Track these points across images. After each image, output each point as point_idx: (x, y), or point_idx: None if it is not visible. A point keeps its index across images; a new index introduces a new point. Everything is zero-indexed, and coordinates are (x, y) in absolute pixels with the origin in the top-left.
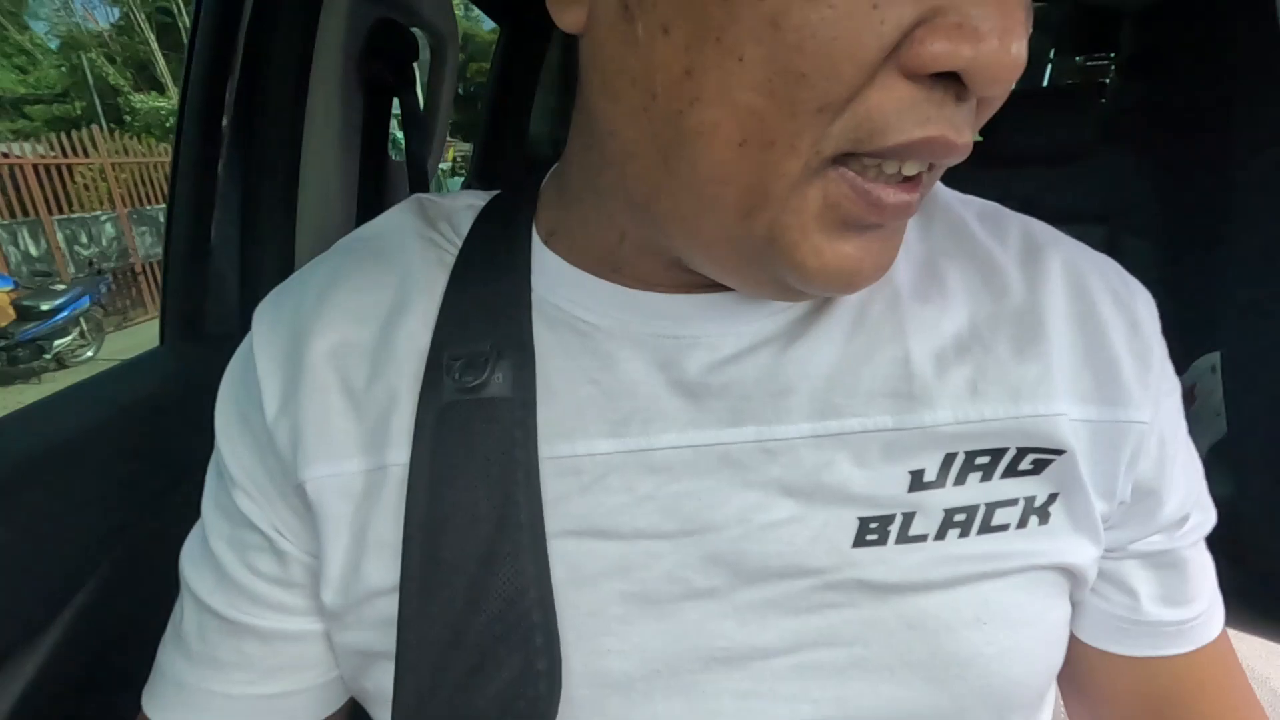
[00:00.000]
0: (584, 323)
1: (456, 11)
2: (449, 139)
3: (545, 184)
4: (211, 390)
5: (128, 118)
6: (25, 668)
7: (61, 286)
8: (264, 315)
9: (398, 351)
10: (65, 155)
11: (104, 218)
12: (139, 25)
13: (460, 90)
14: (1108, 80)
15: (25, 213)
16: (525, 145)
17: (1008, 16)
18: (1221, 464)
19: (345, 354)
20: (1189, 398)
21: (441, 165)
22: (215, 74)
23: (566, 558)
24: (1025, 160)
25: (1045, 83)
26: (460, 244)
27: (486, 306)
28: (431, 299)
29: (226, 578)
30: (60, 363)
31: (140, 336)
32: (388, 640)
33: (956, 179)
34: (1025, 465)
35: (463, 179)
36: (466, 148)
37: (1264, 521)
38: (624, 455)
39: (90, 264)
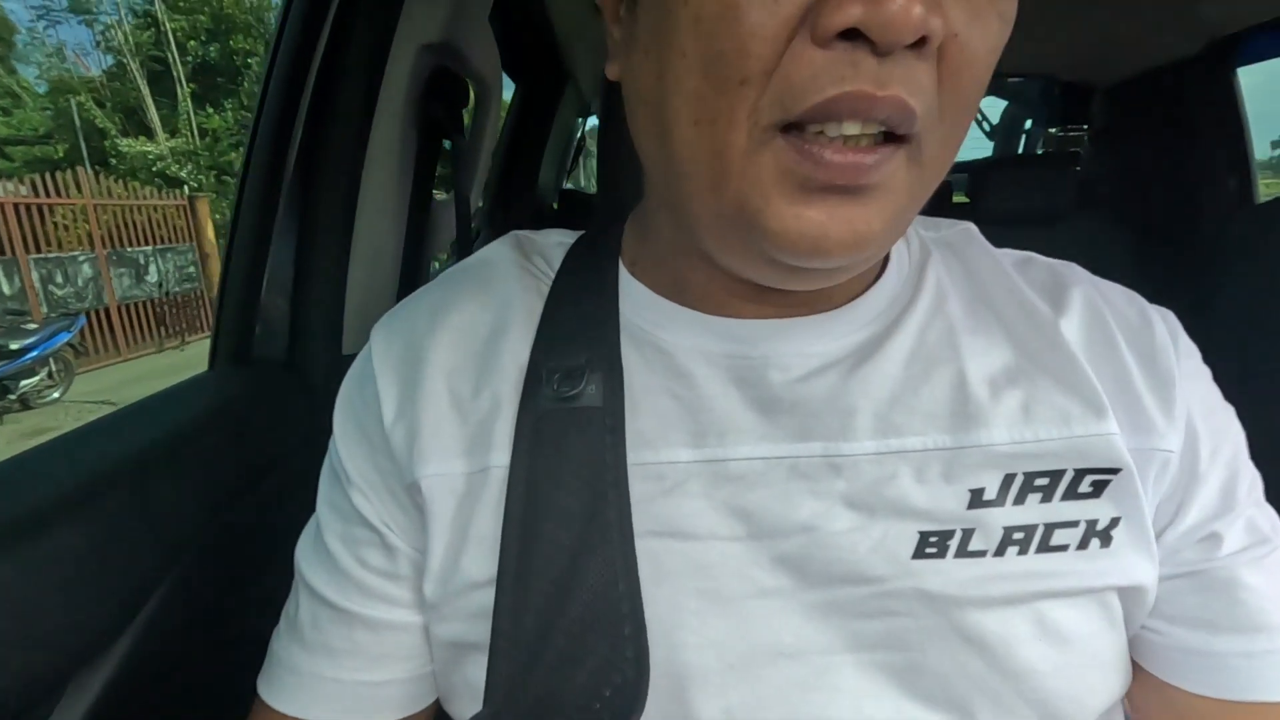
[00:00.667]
0: (666, 343)
1: None
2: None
3: (629, 221)
4: (258, 411)
5: (114, 161)
6: (95, 679)
7: (33, 326)
8: (381, 333)
9: (500, 366)
10: (46, 195)
11: (82, 258)
12: (132, 72)
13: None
14: (1081, 150)
15: (1, 251)
16: (534, 193)
17: None
18: None
19: (455, 367)
20: None
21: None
22: (285, 113)
23: (649, 555)
24: (1009, 222)
25: (1021, 150)
26: (554, 274)
27: (579, 326)
28: (530, 320)
29: (339, 571)
30: (25, 404)
31: (112, 378)
32: (481, 631)
33: None
34: (1085, 488)
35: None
36: None
37: None
38: (702, 464)
39: (64, 304)
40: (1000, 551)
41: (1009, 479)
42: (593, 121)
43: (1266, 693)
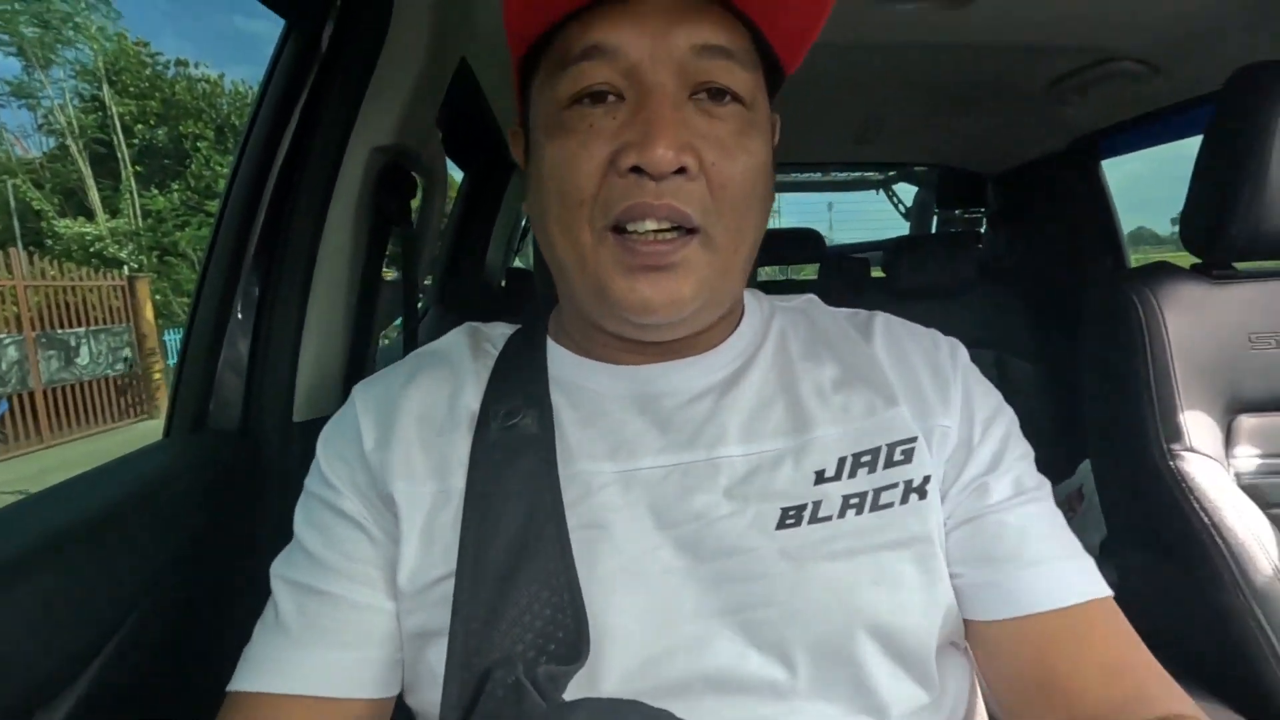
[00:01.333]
0: (586, 389)
1: None
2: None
3: (554, 311)
4: (209, 477)
5: (49, 241)
6: (57, 712)
7: None
8: (361, 390)
9: (458, 413)
10: None
11: (7, 340)
12: (75, 153)
13: None
14: (982, 229)
15: None
16: (482, 272)
17: (653, 136)
18: (1106, 559)
19: (423, 415)
20: (1077, 498)
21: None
22: (250, 201)
23: (584, 543)
24: (921, 294)
25: (934, 230)
26: (499, 352)
27: (517, 381)
28: (480, 382)
29: (323, 564)
30: None
31: (31, 466)
32: (444, 618)
33: (873, 307)
34: (898, 456)
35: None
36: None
37: (1143, 610)
38: (619, 473)
39: None
40: (842, 514)
41: (842, 460)
42: None
43: (1031, 606)
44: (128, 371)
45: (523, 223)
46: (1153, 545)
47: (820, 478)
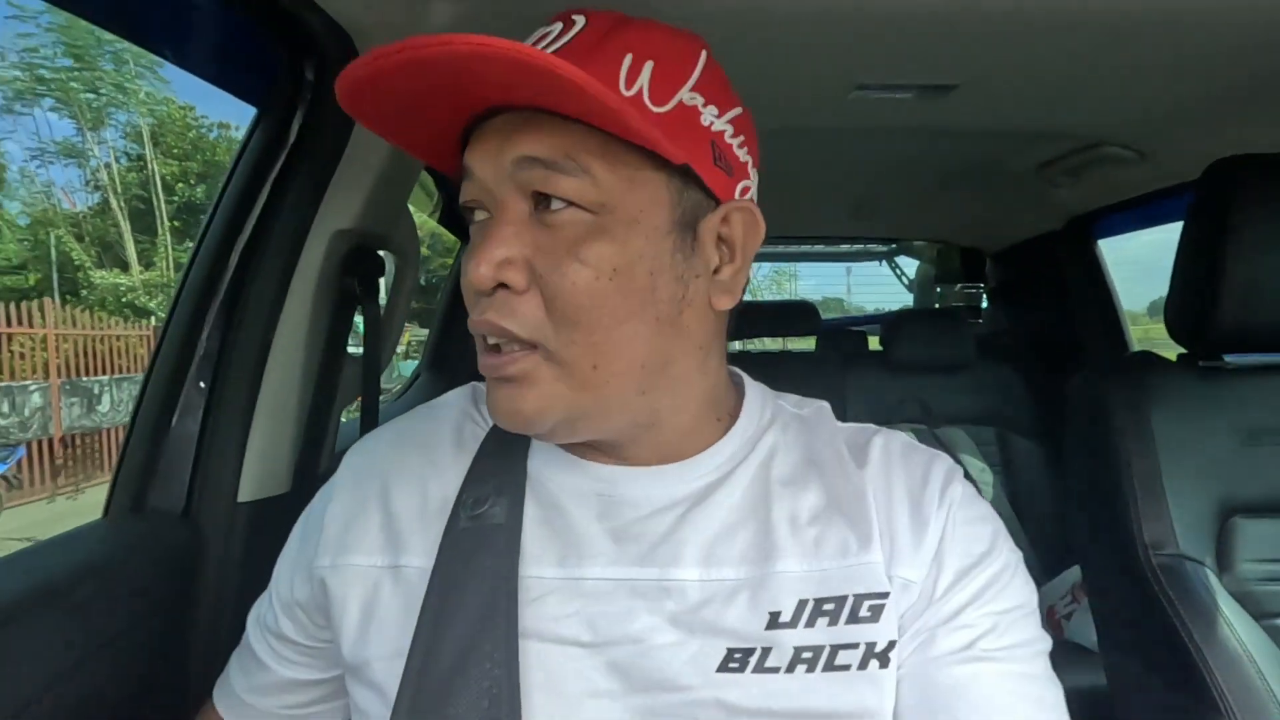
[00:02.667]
0: (549, 483)
1: (429, 220)
2: (406, 325)
3: None
4: (146, 560)
5: (84, 291)
6: None
7: None
8: (353, 453)
9: (430, 494)
10: (9, 324)
11: (33, 387)
12: (116, 208)
13: (423, 280)
14: (983, 305)
15: None
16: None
17: (474, 255)
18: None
19: (397, 487)
20: (1081, 589)
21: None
22: (210, 279)
23: (524, 651)
24: (922, 369)
25: (938, 304)
26: (489, 427)
27: (495, 467)
28: (461, 463)
29: (268, 645)
30: None
31: (44, 512)
32: (376, 699)
33: (870, 381)
34: (864, 612)
35: (415, 362)
36: (421, 333)
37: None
38: (563, 580)
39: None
40: (791, 669)
41: (802, 604)
42: None
43: None
44: None
45: None
46: (1140, 654)
47: (774, 621)
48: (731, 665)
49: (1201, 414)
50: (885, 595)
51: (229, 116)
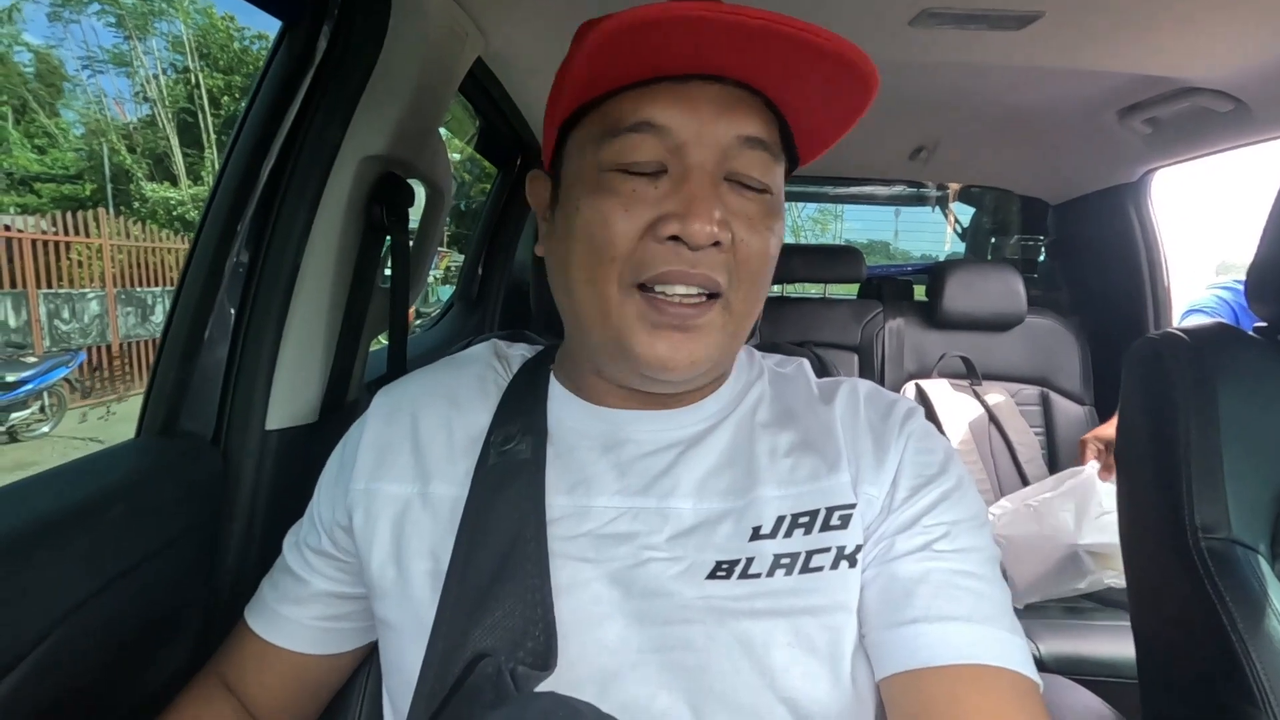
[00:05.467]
0: (565, 425)
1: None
2: (445, 249)
3: (560, 348)
4: (175, 483)
5: (136, 204)
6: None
7: (33, 359)
8: (382, 393)
9: (459, 431)
10: (67, 233)
11: (90, 295)
12: (162, 122)
13: (463, 205)
14: (1040, 259)
15: (14, 284)
16: (510, 269)
17: (697, 209)
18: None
19: (427, 422)
20: None
21: (434, 273)
22: (236, 204)
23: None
24: (967, 325)
25: (990, 255)
26: (510, 377)
27: (519, 409)
28: (489, 404)
29: (303, 559)
30: (13, 436)
31: (99, 415)
32: (411, 612)
33: (912, 333)
34: (834, 521)
35: (452, 287)
36: (459, 258)
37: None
38: (574, 506)
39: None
40: (771, 573)
41: (780, 519)
42: None
43: (903, 663)
44: None
45: None
46: (1177, 636)
47: (756, 534)
48: (719, 574)
49: (1274, 393)
50: (852, 506)
51: (269, 27)
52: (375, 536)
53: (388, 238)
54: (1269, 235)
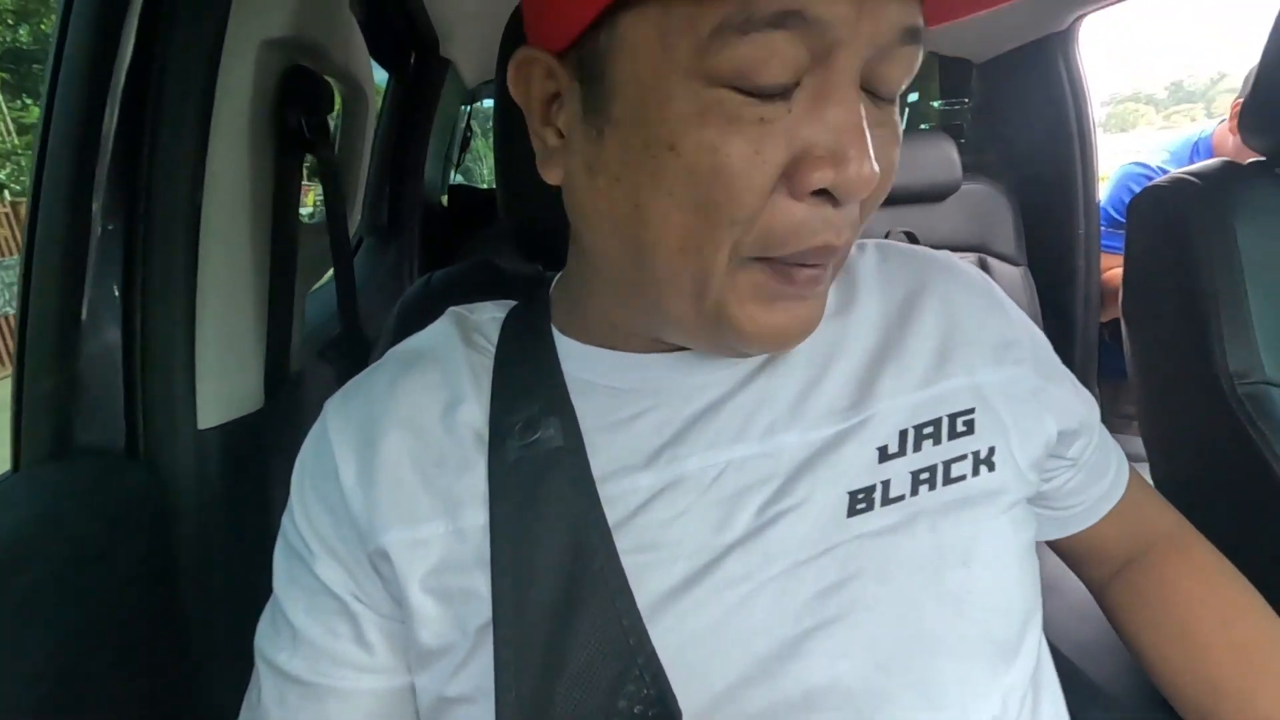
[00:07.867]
0: (607, 386)
1: None
2: (307, 184)
3: (553, 291)
4: (89, 509)
5: None
6: None
7: None
8: (336, 407)
9: (459, 431)
10: None
11: None
12: None
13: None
14: (964, 124)
15: None
16: (420, 193)
17: (856, 145)
18: None
19: (415, 438)
20: None
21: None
22: (83, 137)
23: (632, 572)
24: (906, 199)
25: (905, 123)
26: (495, 347)
27: (529, 382)
28: (482, 388)
29: (305, 642)
30: None
31: None
32: (469, 684)
33: None
34: (960, 427)
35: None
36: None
37: None
38: (660, 482)
39: None
40: (915, 491)
41: (904, 434)
42: (484, 105)
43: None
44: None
45: (461, 129)
46: (1210, 483)
47: (884, 454)
48: (859, 507)
49: None
50: (972, 410)
51: None
52: (409, 596)
53: (307, 155)
54: (1267, 64)
